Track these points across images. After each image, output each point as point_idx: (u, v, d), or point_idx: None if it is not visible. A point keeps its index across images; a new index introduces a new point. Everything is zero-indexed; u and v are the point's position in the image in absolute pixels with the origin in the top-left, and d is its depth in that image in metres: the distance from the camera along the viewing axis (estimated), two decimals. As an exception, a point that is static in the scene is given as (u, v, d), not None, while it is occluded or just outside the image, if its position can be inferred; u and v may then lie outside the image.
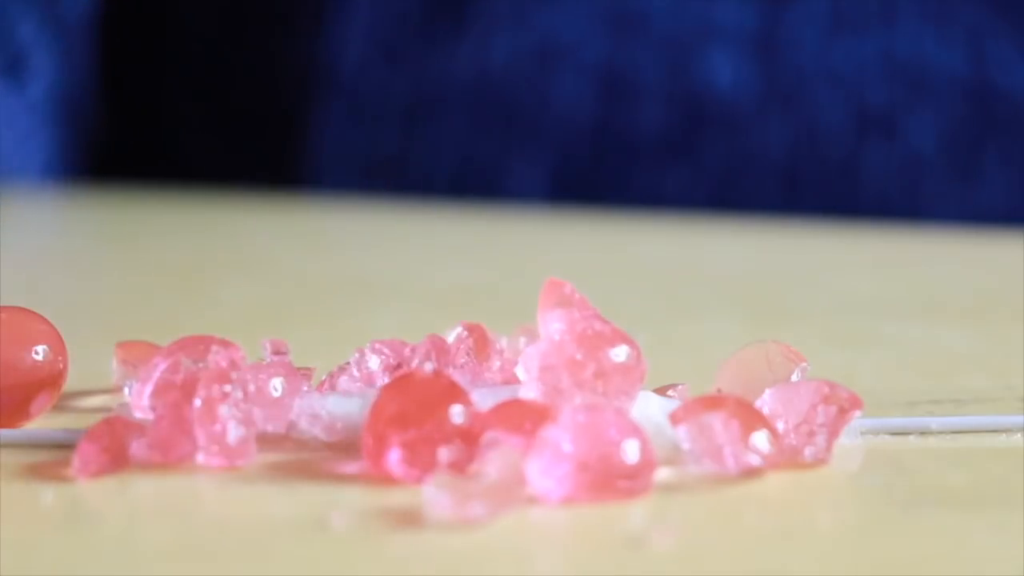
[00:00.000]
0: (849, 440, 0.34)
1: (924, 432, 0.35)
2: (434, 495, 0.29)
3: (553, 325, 0.33)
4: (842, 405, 0.33)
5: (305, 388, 0.34)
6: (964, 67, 0.77)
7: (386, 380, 0.35)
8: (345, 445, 0.33)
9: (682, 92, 0.78)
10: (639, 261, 0.67)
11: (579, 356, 0.33)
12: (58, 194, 0.80)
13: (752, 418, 0.32)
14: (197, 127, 0.86)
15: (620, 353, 0.33)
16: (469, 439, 0.31)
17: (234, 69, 0.85)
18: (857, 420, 0.34)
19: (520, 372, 0.37)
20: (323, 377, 0.37)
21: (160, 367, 0.34)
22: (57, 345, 0.36)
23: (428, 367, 0.33)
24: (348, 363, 0.36)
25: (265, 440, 0.33)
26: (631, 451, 0.31)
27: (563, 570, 0.27)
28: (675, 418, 0.32)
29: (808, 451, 0.33)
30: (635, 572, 0.28)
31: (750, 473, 0.32)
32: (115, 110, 0.81)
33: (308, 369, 0.37)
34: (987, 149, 0.77)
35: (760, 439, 0.32)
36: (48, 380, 0.36)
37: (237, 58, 0.85)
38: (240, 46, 0.85)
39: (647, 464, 0.31)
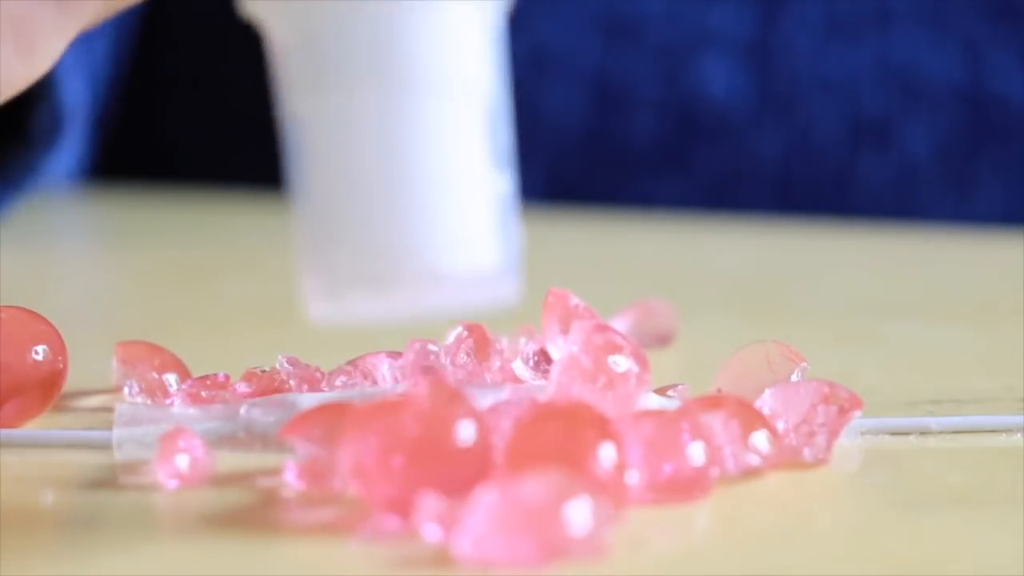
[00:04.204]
0: (849, 440, 0.34)
1: (924, 432, 0.35)
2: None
3: (570, 337, 0.33)
4: (842, 405, 0.33)
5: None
6: (960, 75, 0.77)
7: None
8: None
9: (676, 100, 0.78)
10: (638, 261, 0.67)
11: (591, 367, 0.33)
12: (57, 194, 0.80)
13: (752, 418, 0.32)
14: (196, 127, 0.86)
15: (629, 364, 0.33)
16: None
17: (234, 69, 0.85)
18: (857, 420, 0.34)
19: (518, 367, 0.37)
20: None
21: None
22: (57, 345, 0.36)
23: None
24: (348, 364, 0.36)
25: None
26: (696, 455, 0.31)
27: (563, 569, 0.27)
28: None
29: (808, 451, 0.33)
30: (635, 572, 0.27)
31: (750, 473, 0.32)
32: (114, 110, 0.81)
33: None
34: (983, 158, 0.77)
35: (760, 439, 0.32)
36: (48, 380, 0.36)
37: (237, 58, 0.85)
38: (240, 47, 0.85)
39: (711, 467, 0.31)
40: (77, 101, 0.62)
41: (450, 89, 0.28)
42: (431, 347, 0.35)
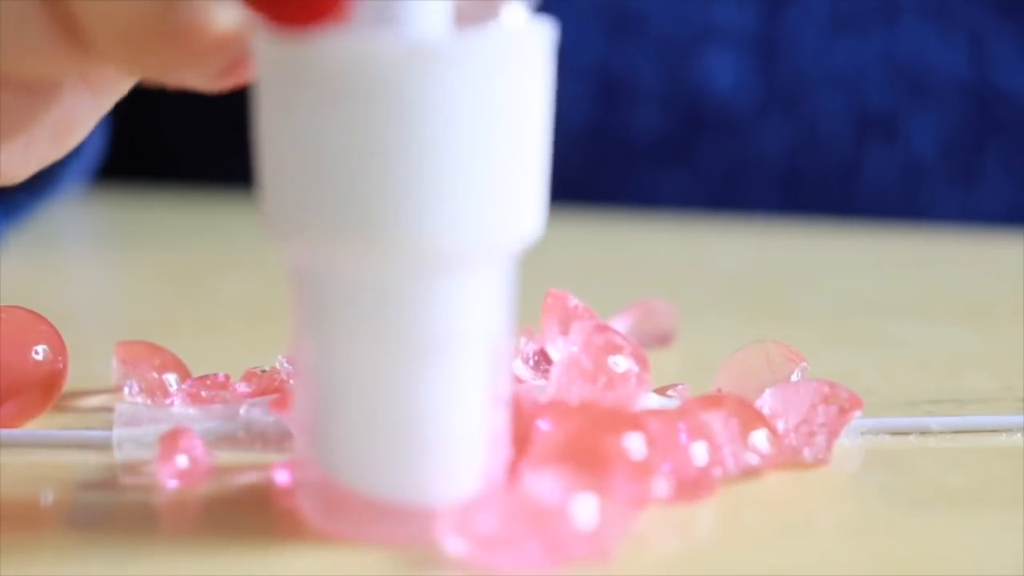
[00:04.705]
0: (849, 440, 0.34)
1: (924, 432, 0.35)
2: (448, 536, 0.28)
3: (570, 338, 0.33)
4: (842, 405, 0.33)
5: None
6: (966, 69, 0.76)
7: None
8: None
9: (680, 94, 0.78)
10: (638, 261, 0.66)
11: (591, 367, 0.33)
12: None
13: (752, 418, 0.32)
14: (196, 127, 0.85)
15: (628, 364, 0.33)
16: None
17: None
18: (857, 420, 0.34)
19: (518, 367, 0.37)
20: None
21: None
22: (57, 345, 0.36)
23: None
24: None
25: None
26: (699, 455, 0.31)
27: (564, 569, 0.27)
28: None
29: (808, 451, 0.33)
30: (635, 572, 0.27)
31: (750, 473, 0.32)
32: (113, 110, 0.81)
33: None
34: (989, 152, 0.77)
35: (760, 439, 0.32)
36: (48, 380, 0.36)
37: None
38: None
39: (714, 466, 0.31)
40: None
41: (459, 347, 0.28)
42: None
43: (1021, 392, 0.39)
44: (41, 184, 0.60)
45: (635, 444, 0.30)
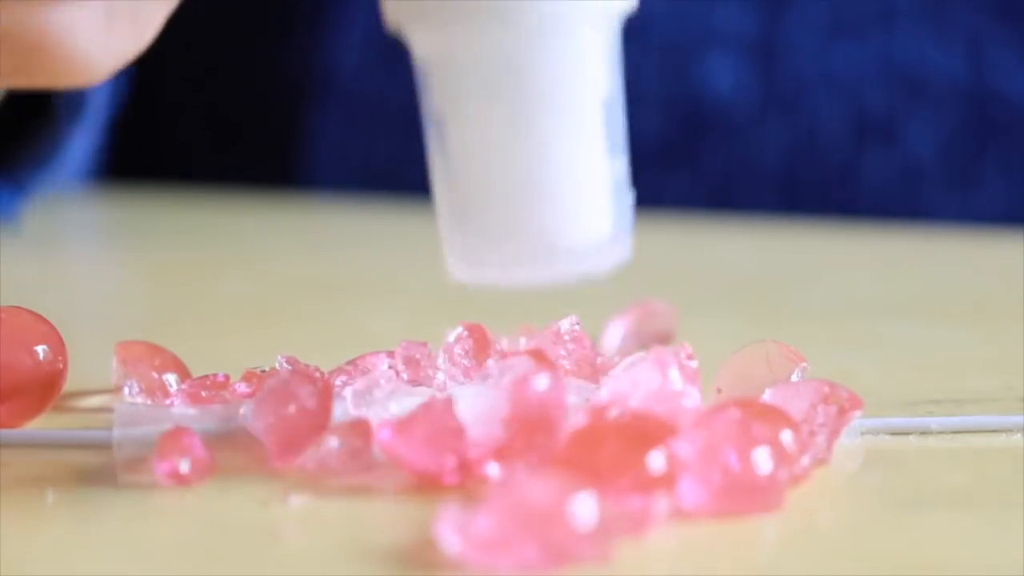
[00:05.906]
0: (849, 440, 0.34)
1: (924, 432, 0.35)
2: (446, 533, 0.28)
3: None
4: (842, 405, 0.33)
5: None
6: (963, 73, 0.77)
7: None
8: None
9: (680, 98, 0.78)
10: (638, 261, 0.66)
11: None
12: (56, 195, 0.80)
13: (776, 420, 0.32)
14: (196, 129, 0.86)
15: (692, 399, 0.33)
16: None
17: (233, 72, 0.85)
18: (857, 420, 0.34)
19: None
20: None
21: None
22: (57, 345, 0.36)
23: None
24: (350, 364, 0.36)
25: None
26: (762, 462, 0.31)
27: (561, 570, 0.27)
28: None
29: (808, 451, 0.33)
30: (636, 572, 0.27)
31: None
32: (115, 111, 0.81)
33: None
34: (986, 155, 0.77)
35: (788, 439, 0.32)
36: (48, 380, 0.36)
37: (236, 61, 0.85)
38: (239, 49, 0.85)
39: (780, 473, 0.31)
40: None
41: (573, 101, 0.32)
42: (420, 348, 0.36)
43: (1021, 392, 0.39)
44: (46, 156, 0.60)
45: (656, 458, 0.30)
